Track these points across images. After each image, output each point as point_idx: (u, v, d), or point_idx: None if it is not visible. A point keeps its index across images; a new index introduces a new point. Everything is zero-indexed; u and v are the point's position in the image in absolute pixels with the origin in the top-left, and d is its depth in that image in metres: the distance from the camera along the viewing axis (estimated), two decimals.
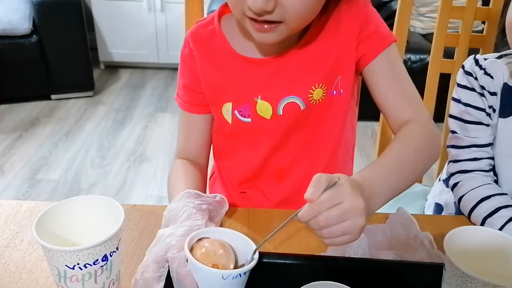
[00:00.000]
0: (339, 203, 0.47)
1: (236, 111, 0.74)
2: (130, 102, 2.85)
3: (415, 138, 0.64)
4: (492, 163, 0.78)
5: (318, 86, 0.72)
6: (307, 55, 0.71)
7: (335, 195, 0.47)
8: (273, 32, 0.62)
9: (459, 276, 0.48)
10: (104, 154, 2.30)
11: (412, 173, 0.62)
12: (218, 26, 0.73)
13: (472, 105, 0.78)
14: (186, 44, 0.75)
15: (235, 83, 0.73)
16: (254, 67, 0.72)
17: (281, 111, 0.73)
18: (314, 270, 0.56)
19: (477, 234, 0.53)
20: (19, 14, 2.52)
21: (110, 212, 0.53)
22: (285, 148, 0.78)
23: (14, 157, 2.23)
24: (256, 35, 0.63)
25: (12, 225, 0.69)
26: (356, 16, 0.70)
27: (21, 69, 2.63)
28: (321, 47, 0.71)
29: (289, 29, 0.62)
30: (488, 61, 0.77)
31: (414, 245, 0.65)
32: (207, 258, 0.50)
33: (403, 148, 0.63)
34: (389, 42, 0.71)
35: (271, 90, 0.72)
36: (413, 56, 2.47)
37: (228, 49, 0.72)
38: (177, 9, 3.01)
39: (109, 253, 0.49)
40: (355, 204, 0.48)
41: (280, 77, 0.71)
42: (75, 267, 0.48)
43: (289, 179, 0.80)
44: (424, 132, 0.66)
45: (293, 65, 0.71)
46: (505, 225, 0.68)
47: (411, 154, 0.62)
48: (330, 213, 0.47)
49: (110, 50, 3.17)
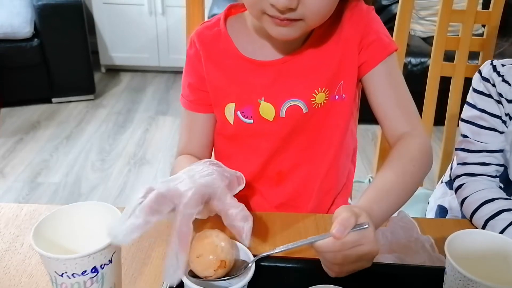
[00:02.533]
0: (360, 245, 0.49)
1: (238, 112, 0.74)
2: (131, 105, 2.85)
3: (412, 153, 0.66)
4: (500, 170, 0.77)
5: (321, 90, 0.72)
6: (310, 59, 0.71)
7: (360, 240, 0.49)
8: (291, 27, 0.62)
9: (460, 280, 0.47)
10: (105, 157, 2.30)
11: (410, 188, 0.64)
12: (224, 27, 0.74)
13: (488, 111, 0.77)
14: (192, 44, 0.76)
15: (239, 84, 0.73)
16: (259, 69, 0.72)
17: (284, 113, 0.73)
18: (314, 274, 0.56)
19: (478, 238, 0.53)
20: (21, 18, 2.53)
21: (109, 218, 0.52)
22: (285, 151, 0.78)
23: (15, 160, 2.23)
24: (274, 30, 0.63)
25: (13, 228, 0.69)
26: (358, 22, 0.71)
27: (22, 73, 2.63)
28: (324, 52, 0.71)
29: (307, 26, 0.63)
30: (506, 68, 0.76)
31: (415, 248, 0.65)
32: (215, 252, 0.49)
33: (401, 165, 0.65)
34: (390, 51, 0.71)
35: (275, 92, 0.73)
36: (413, 60, 2.47)
37: (233, 51, 0.73)
38: (178, 13, 3.02)
39: (99, 265, 0.48)
40: (373, 250, 0.50)
41: (284, 80, 0.72)
42: (64, 275, 0.47)
43: (289, 182, 0.80)
44: (420, 146, 0.67)
45: (297, 69, 0.72)
46: (507, 228, 0.68)
47: (409, 169, 0.64)
48: (350, 253, 0.49)
49: (111, 53, 3.18)
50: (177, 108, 2.69)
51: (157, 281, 0.61)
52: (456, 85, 1.11)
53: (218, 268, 0.49)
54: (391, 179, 0.62)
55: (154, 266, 0.63)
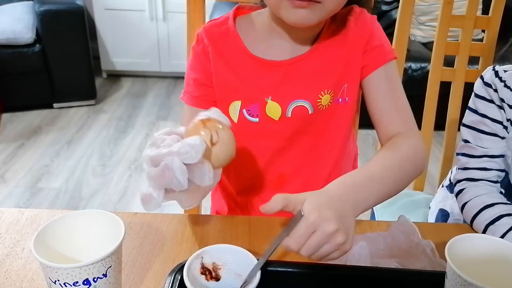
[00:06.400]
0: (312, 232, 0.51)
1: (244, 110, 0.75)
2: (132, 110, 2.85)
3: (402, 149, 0.67)
4: (501, 175, 0.78)
5: (327, 92, 0.74)
6: (318, 61, 0.73)
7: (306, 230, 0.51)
8: (310, 9, 0.62)
9: (461, 284, 0.47)
10: (106, 162, 2.30)
11: (396, 180, 0.64)
12: (233, 26, 0.75)
13: (489, 116, 0.77)
14: (200, 40, 0.76)
15: (246, 82, 0.74)
16: (267, 68, 0.73)
17: (290, 113, 0.74)
18: (315, 278, 0.56)
19: (478, 242, 0.53)
20: (23, 24, 2.54)
21: (112, 229, 0.52)
22: (288, 153, 0.78)
23: (16, 165, 2.24)
24: (293, 13, 0.63)
25: (14, 233, 0.69)
26: (363, 28, 0.74)
27: (24, 78, 2.64)
28: (331, 54, 0.73)
29: (325, 11, 0.64)
30: (508, 73, 0.76)
31: (416, 253, 0.65)
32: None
33: (389, 156, 0.66)
34: (390, 58, 0.74)
35: (282, 92, 0.74)
36: (413, 65, 2.48)
37: (242, 49, 0.74)
38: (179, 19, 3.03)
39: (92, 278, 0.48)
40: (326, 229, 0.51)
41: (291, 80, 0.73)
42: (56, 283, 0.47)
43: (291, 185, 0.80)
44: (411, 144, 0.68)
45: (305, 70, 0.73)
46: (507, 233, 0.68)
47: (396, 162, 0.65)
48: (309, 244, 0.51)
49: (112, 59, 3.18)
50: (178, 113, 2.69)
51: (158, 287, 0.61)
52: (456, 90, 1.12)
53: (202, 126, 0.51)
54: (375, 164, 0.64)
55: (155, 271, 0.63)
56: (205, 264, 0.53)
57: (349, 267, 0.60)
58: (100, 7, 3.03)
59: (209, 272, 0.53)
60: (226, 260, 0.53)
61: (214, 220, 0.74)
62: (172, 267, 0.55)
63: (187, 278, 0.49)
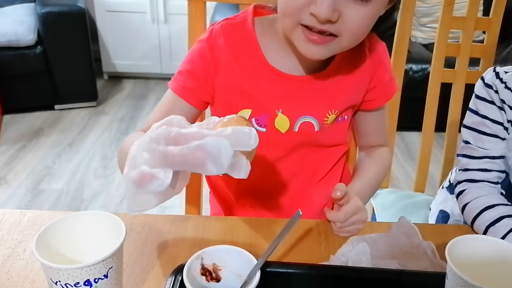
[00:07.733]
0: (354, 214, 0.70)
1: (254, 119, 0.74)
2: (133, 112, 2.86)
3: (385, 163, 0.86)
4: (502, 176, 0.78)
5: (333, 112, 0.76)
6: (331, 81, 0.74)
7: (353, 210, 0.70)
8: (323, 46, 0.62)
9: (461, 285, 0.47)
10: (107, 164, 2.31)
11: (379, 183, 0.85)
12: (252, 29, 0.71)
13: (490, 118, 0.77)
14: (212, 36, 0.72)
15: (260, 92, 0.73)
16: (282, 80, 0.72)
17: (297, 128, 0.75)
18: (316, 279, 0.56)
19: (479, 243, 0.53)
20: (25, 26, 2.55)
21: (113, 230, 0.52)
22: (287, 161, 0.79)
23: (18, 167, 2.24)
24: (304, 46, 0.62)
25: (15, 234, 0.70)
26: (375, 57, 0.76)
27: (25, 80, 2.65)
28: (343, 77, 0.74)
29: (339, 47, 0.63)
30: (509, 75, 0.76)
31: (416, 254, 0.65)
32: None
33: (380, 166, 0.84)
34: (393, 95, 0.80)
35: (293, 106, 0.74)
36: (414, 66, 2.48)
37: (259, 57, 0.72)
38: (180, 21, 3.03)
39: (93, 279, 0.48)
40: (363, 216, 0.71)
41: (303, 96, 0.73)
42: (58, 283, 0.48)
43: (287, 189, 0.81)
44: (388, 155, 0.87)
45: (317, 88, 0.73)
46: (508, 234, 0.68)
47: (383, 171, 0.85)
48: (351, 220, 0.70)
49: (114, 61, 3.19)
50: None
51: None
52: (457, 91, 1.12)
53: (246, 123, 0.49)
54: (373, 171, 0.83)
55: (156, 272, 0.63)
56: (205, 265, 0.53)
57: (350, 268, 0.60)
58: (102, 9, 3.04)
59: (209, 273, 0.53)
60: (227, 261, 0.53)
61: (215, 221, 0.75)
62: (173, 268, 0.56)
63: (187, 279, 0.49)
